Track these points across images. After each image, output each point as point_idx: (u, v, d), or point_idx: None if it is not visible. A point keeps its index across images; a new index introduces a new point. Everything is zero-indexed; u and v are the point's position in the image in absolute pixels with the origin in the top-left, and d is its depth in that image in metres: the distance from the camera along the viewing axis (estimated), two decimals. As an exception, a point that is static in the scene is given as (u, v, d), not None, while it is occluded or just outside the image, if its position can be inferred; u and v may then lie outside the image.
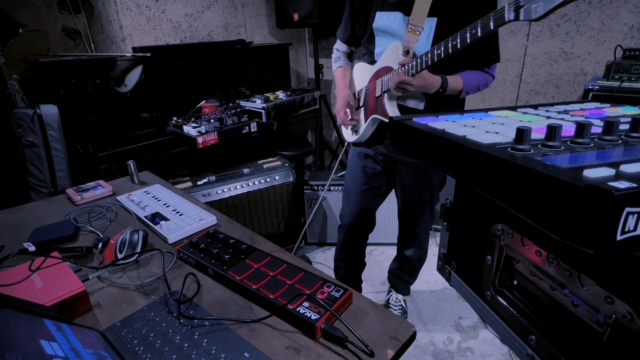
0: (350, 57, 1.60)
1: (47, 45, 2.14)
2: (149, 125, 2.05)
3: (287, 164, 2.11)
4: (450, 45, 1.02)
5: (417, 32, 1.18)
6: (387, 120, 1.29)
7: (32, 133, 1.75)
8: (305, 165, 3.34)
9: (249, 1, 2.77)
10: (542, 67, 2.14)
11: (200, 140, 1.85)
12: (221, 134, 1.93)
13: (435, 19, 1.16)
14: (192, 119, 2.02)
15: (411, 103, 1.31)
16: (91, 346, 0.56)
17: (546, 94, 2.18)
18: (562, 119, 0.67)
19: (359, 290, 1.94)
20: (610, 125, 0.52)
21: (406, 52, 1.21)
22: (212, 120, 1.96)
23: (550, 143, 0.49)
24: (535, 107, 0.78)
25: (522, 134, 0.49)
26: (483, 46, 1.21)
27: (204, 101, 2.23)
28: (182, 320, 0.68)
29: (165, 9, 2.34)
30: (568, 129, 0.54)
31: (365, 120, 1.41)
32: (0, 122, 1.87)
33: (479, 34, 0.93)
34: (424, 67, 1.11)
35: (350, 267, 1.79)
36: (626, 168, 0.40)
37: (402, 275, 1.80)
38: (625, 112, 0.71)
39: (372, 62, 1.37)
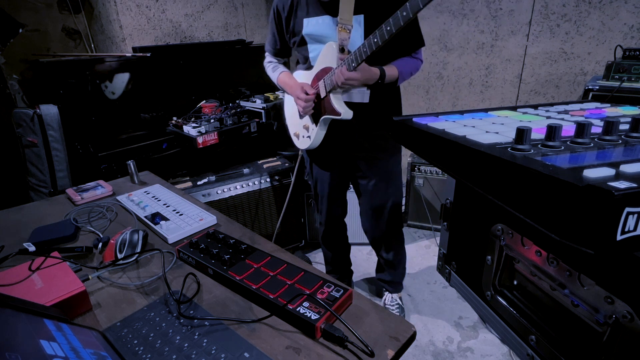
0: (287, 66, 1.61)
1: (47, 45, 2.14)
2: (149, 125, 2.05)
3: (287, 164, 2.11)
4: (385, 31, 1.05)
5: (348, 30, 1.22)
6: (338, 118, 1.32)
7: (32, 133, 1.75)
8: (305, 165, 3.33)
9: (249, 1, 2.77)
10: (542, 67, 2.14)
11: (200, 140, 1.85)
12: (221, 134, 1.94)
13: (362, 16, 1.22)
14: (192, 119, 2.03)
15: (357, 98, 1.35)
16: (91, 346, 0.56)
17: (546, 94, 2.18)
18: (562, 119, 0.67)
19: (350, 273, 1.96)
20: (610, 125, 0.52)
21: (342, 50, 1.25)
22: (212, 120, 1.96)
23: (550, 143, 0.49)
24: (535, 107, 0.79)
25: (522, 134, 0.49)
26: (407, 34, 1.27)
27: (204, 101, 2.23)
28: (182, 320, 0.68)
29: (165, 9, 2.34)
30: (568, 129, 0.54)
31: (316, 124, 1.41)
32: (0, 122, 1.87)
33: (411, 14, 0.98)
34: (363, 57, 1.14)
35: (336, 251, 1.83)
36: (626, 168, 0.40)
37: (387, 275, 1.80)
38: (625, 112, 0.71)
39: (309, 67, 1.39)
